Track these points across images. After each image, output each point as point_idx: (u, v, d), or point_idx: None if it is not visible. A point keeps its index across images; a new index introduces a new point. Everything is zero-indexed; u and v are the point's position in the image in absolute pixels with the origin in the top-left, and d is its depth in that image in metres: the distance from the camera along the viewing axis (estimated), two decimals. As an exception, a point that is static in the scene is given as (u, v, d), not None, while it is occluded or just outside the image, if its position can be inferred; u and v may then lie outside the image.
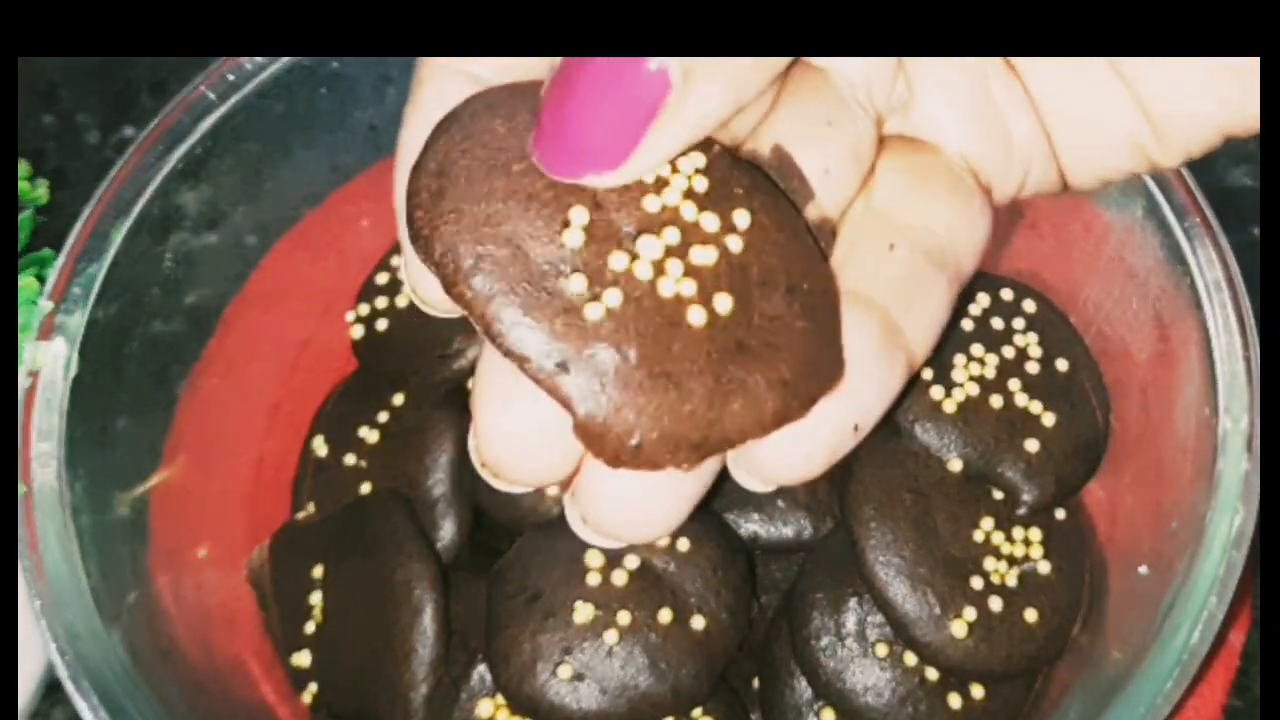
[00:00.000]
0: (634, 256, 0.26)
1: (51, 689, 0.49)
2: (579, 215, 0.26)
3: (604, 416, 0.25)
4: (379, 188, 0.48)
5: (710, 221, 0.26)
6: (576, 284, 0.25)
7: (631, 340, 0.25)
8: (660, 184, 0.26)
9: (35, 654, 0.48)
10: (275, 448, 0.47)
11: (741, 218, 0.27)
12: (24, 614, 0.47)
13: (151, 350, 0.43)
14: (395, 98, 0.46)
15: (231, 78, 0.42)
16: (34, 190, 0.53)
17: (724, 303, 0.26)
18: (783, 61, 0.27)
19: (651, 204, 0.26)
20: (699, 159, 0.27)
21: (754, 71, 0.26)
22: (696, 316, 0.26)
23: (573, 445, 0.26)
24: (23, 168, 0.54)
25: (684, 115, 0.25)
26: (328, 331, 0.48)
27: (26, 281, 0.46)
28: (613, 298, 0.25)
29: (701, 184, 0.27)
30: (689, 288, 0.26)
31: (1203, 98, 0.27)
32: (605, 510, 0.28)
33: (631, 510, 0.28)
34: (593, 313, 0.25)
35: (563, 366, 0.25)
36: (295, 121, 0.45)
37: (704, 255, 0.26)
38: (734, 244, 0.27)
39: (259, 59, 0.42)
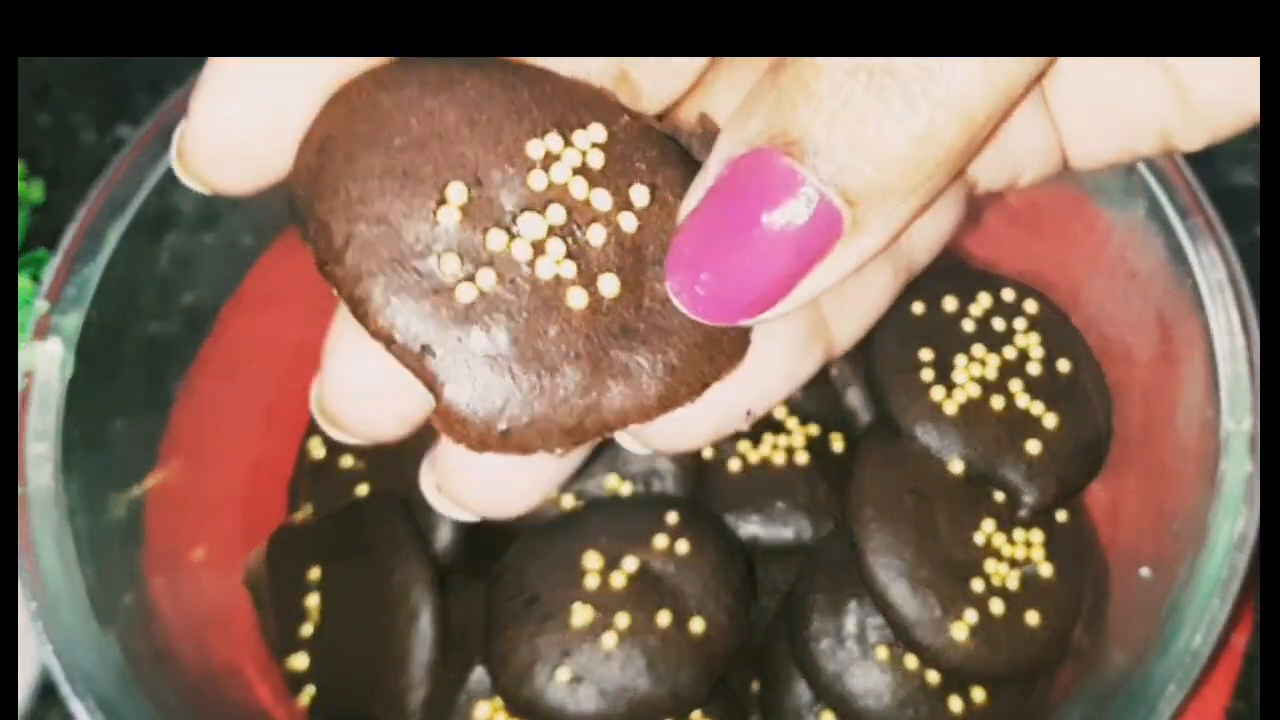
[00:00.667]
0: (513, 236, 0.25)
1: (47, 693, 0.48)
2: (457, 193, 0.25)
3: (469, 401, 0.25)
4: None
5: (602, 199, 0.26)
6: (449, 264, 0.24)
7: (504, 324, 0.25)
8: (550, 159, 0.25)
9: (30, 658, 0.48)
10: (272, 449, 0.47)
11: (640, 194, 0.26)
12: (19, 617, 0.47)
13: (147, 351, 0.43)
14: None
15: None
16: (29, 190, 0.53)
17: (610, 284, 0.25)
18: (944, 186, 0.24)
19: (538, 181, 0.25)
20: (599, 133, 0.26)
21: (917, 214, 0.24)
22: (577, 299, 0.25)
23: (416, 408, 0.25)
24: (19, 167, 0.54)
25: (846, 261, 0.23)
26: (325, 332, 0.48)
27: (22, 282, 0.45)
28: (486, 279, 0.25)
29: (598, 159, 0.26)
30: (569, 269, 0.25)
31: (1249, 85, 0.26)
32: (462, 484, 0.27)
33: (490, 488, 0.27)
34: (465, 294, 0.24)
35: (428, 349, 0.24)
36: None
37: (592, 235, 0.25)
38: (628, 223, 0.26)
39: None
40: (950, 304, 0.42)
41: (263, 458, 0.47)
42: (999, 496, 0.40)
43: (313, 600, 0.43)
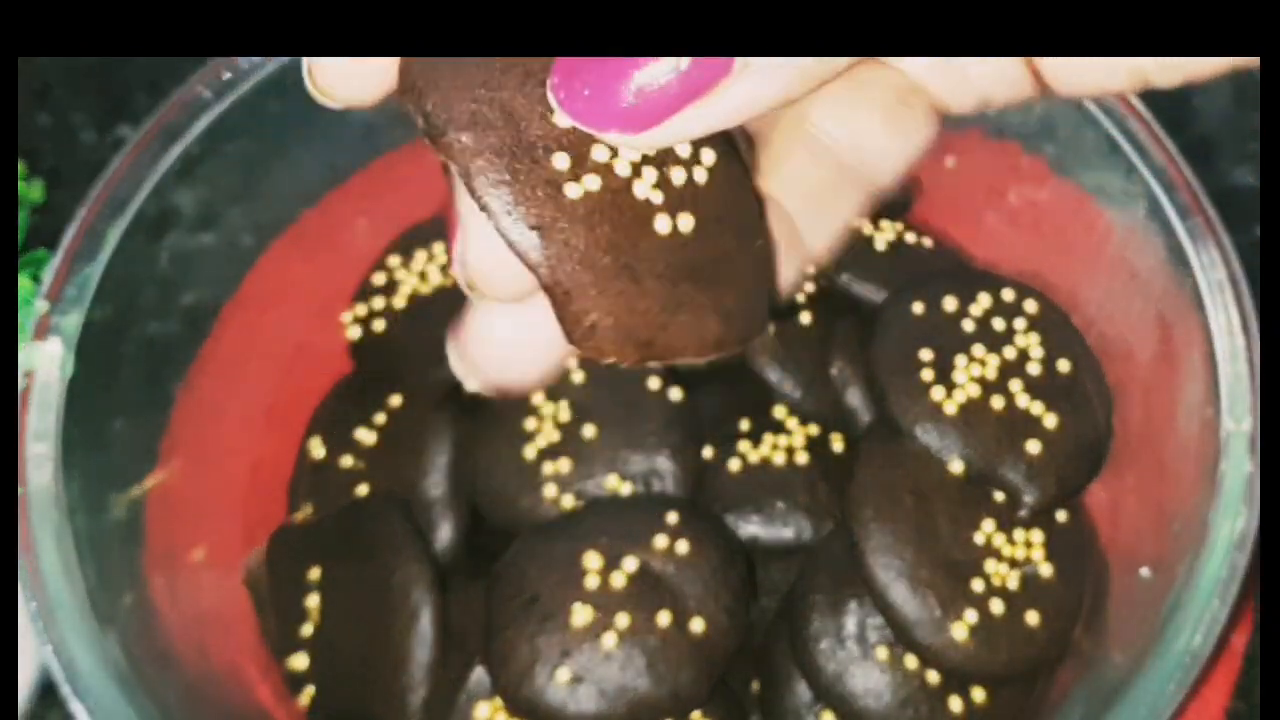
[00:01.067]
0: (614, 153, 0.26)
1: (47, 693, 0.48)
2: None
3: (568, 288, 0.26)
4: (376, 187, 0.48)
5: (682, 147, 0.27)
6: (560, 161, 0.26)
7: (603, 226, 0.26)
8: None
9: (30, 658, 0.48)
10: (272, 449, 0.47)
11: (708, 155, 0.28)
12: (19, 617, 0.47)
13: (147, 351, 0.43)
14: (390, 99, 0.46)
15: (228, 76, 0.42)
16: (29, 190, 0.53)
17: (686, 222, 0.27)
18: (840, 65, 0.26)
19: None
20: None
21: (805, 78, 0.25)
22: (662, 225, 0.27)
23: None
24: (19, 167, 0.54)
25: (725, 102, 0.25)
26: (324, 332, 0.48)
27: (22, 282, 0.45)
28: (592, 182, 0.26)
29: None
30: (658, 197, 0.27)
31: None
32: (479, 350, 0.30)
33: (504, 356, 0.30)
34: (572, 191, 0.26)
35: (536, 230, 0.25)
36: (291, 121, 0.44)
37: (675, 175, 0.27)
38: (699, 175, 0.27)
39: (255, 58, 0.42)
40: (950, 304, 0.42)
41: (262, 458, 0.47)
42: (999, 497, 0.40)
43: (313, 600, 0.43)
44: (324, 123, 0.45)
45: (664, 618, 0.39)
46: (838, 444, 0.44)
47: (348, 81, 0.27)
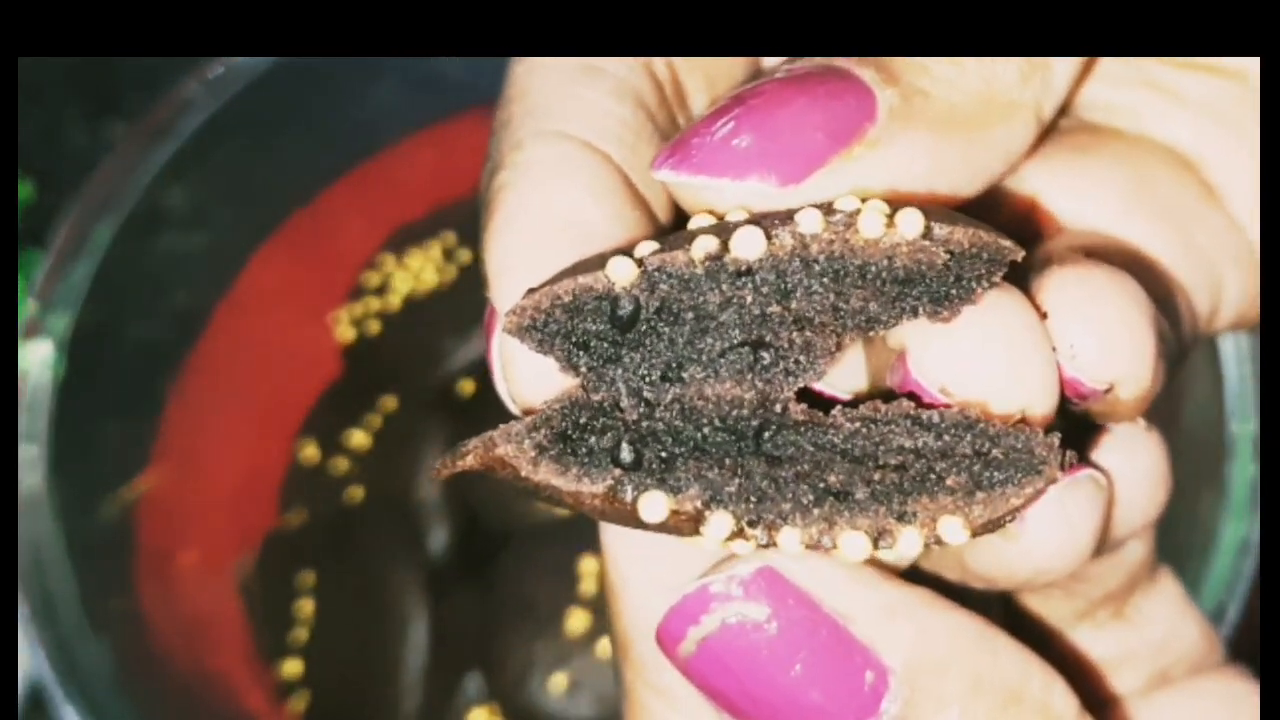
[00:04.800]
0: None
1: (36, 703, 0.48)
2: None
3: None
4: (367, 188, 0.47)
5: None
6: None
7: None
8: None
9: (20, 666, 0.48)
10: (263, 452, 0.47)
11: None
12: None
13: (138, 352, 0.42)
14: (383, 97, 0.45)
15: (219, 75, 0.42)
16: (20, 189, 0.53)
17: None
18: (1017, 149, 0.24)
19: None
20: None
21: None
22: None
23: None
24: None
25: (886, 152, 0.22)
26: (315, 334, 0.47)
27: (9, 284, 0.45)
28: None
29: None
30: None
31: None
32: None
33: None
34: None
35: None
36: (283, 121, 0.44)
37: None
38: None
39: (246, 58, 0.42)
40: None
41: (253, 460, 0.47)
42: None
43: (305, 606, 0.42)
44: (316, 123, 0.45)
45: (660, 623, 0.38)
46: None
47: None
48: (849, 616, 0.21)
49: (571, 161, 0.24)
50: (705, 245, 0.21)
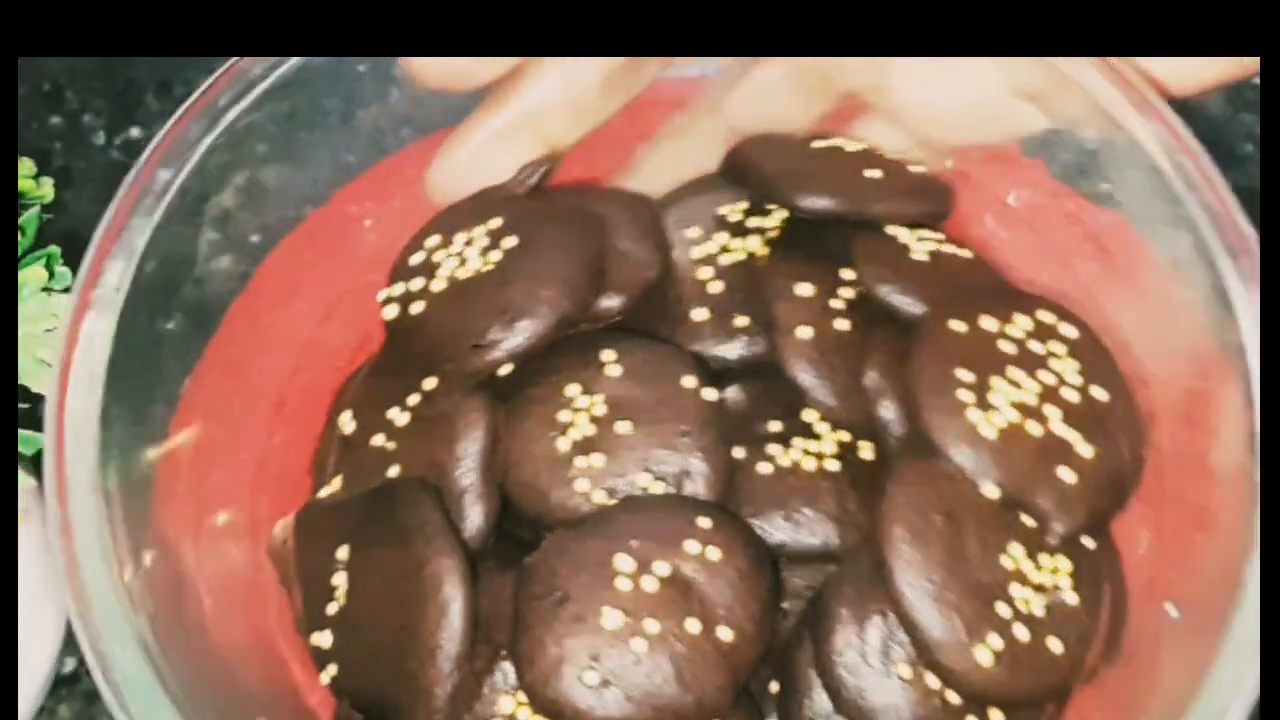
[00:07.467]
0: None
1: (58, 685, 0.49)
2: None
3: None
4: (382, 187, 0.48)
5: None
6: None
7: None
8: None
9: (44, 648, 0.49)
10: (279, 447, 0.47)
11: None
12: (36, 611, 0.47)
13: (155, 349, 0.43)
14: (399, 97, 0.46)
15: (237, 78, 0.42)
16: (39, 188, 0.54)
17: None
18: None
19: None
20: None
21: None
22: None
23: None
24: (28, 166, 0.54)
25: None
26: (332, 331, 0.48)
27: (35, 272, 0.46)
28: None
29: None
30: None
31: None
32: None
33: None
34: None
35: None
36: (299, 121, 0.45)
37: None
38: None
39: (264, 59, 0.42)
40: (989, 323, 0.43)
41: (270, 455, 0.47)
42: (1027, 521, 0.41)
43: (340, 579, 0.43)
44: (331, 123, 0.45)
45: (693, 625, 0.39)
46: (867, 452, 0.45)
47: None
48: None
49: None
50: None
